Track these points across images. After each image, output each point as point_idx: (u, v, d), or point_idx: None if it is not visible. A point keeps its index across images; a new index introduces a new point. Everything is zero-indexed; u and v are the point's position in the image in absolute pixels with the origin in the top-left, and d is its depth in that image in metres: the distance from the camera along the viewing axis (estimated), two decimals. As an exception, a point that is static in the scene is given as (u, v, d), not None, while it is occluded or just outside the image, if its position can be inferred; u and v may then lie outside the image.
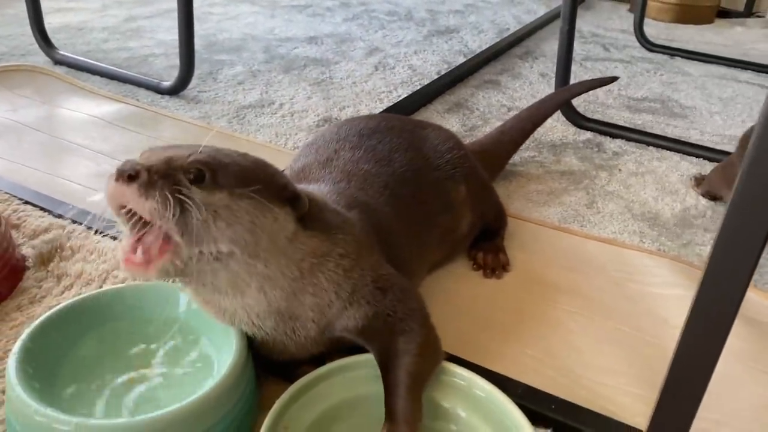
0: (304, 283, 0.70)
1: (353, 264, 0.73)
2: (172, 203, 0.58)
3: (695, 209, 1.28)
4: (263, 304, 0.69)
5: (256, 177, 0.65)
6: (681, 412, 0.68)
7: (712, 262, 0.62)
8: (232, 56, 1.97)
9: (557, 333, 0.93)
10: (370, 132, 0.98)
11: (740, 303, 0.62)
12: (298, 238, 0.68)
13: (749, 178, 0.59)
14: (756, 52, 2.36)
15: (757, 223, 0.59)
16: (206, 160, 0.62)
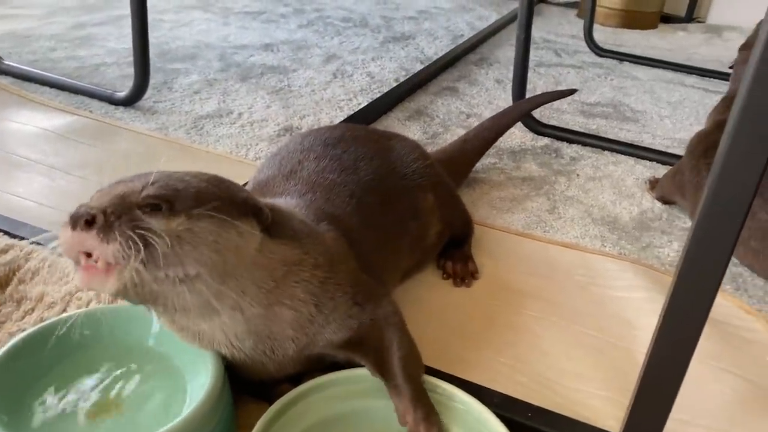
0: (280, 293, 0.69)
1: (327, 276, 0.73)
2: (135, 240, 0.57)
3: (651, 212, 1.32)
4: (240, 323, 0.68)
5: (213, 195, 0.64)
6: (654, 414, 0.70)
7: (683, 268, 0.63)
8: (187, 65, 1.94)
9: (527, 339, 0.94)
10: (334, 141, 0.97)
11: (710, 307, 0.65)
12: (267, 248, 0.68)
13: (718, 186, 0.60)
14: (698, 57, 2.46)
15: (727, 228, 0.61)
16: (159, 191, 0.61)
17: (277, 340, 0.70)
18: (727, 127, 0.57)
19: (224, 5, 2.67)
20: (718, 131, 1.23)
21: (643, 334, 0.96)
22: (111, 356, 0.75)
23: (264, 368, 0.73)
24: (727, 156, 0.57)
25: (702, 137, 1.28)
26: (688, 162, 1.26)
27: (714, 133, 1.26)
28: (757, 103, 0.54)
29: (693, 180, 1.22)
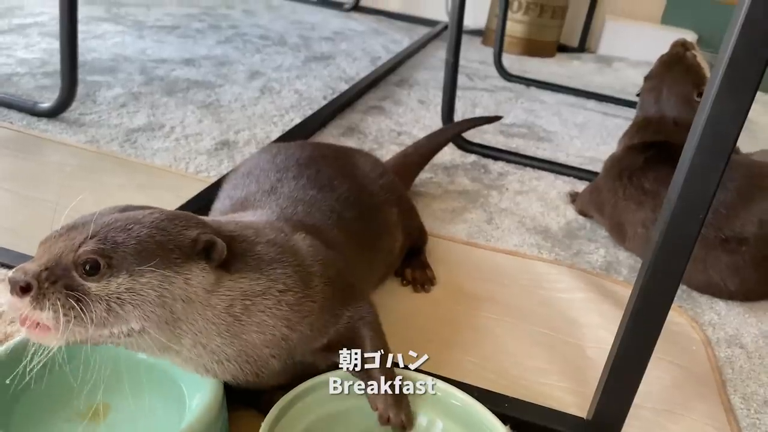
0: (243, 325, 0.68)
1: (300, 297, 0.72)
2: (70, 306, 0.58)
3: (576, 222, 1.44)
4: (209, 354, 0.68)
5: (157, 244, 0.63)
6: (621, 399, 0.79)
7: (646, 276, 0.73)
8: (107, 77, 1.87)
9: (488, 339, 1.00)
10: (306, 161, 0.99)
11: (669, 308, 0.74)
12: (223, 285, 0.67)
13: (677, 203, 0.69)
14: (594, 83, 2.69)
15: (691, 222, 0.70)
16: (97, 247, 0.60)
17: (257, 360, 0.71)
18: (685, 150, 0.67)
19: (135, 18, 2.59)
20: (629, 155, 1.37)
21: (589, 331, 1.05)
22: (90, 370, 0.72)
23: (255, 382, 0.73)
24: (692, 162, 0.66)
25: (615, 161, 1.41)
26: (605, 183, 1.38)
27: (626, 157, 1.39)
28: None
29: (611, 200, 1.35)
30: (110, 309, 0.59)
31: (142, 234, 0.62)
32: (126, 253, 0.61)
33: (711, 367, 1.02)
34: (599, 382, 0.81)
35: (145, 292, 0.61)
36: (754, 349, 1.09)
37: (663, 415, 0.90)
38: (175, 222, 0.66)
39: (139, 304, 0.61)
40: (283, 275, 0.72)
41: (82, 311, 0.58)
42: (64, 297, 0.58)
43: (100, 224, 0.62)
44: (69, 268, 0.59)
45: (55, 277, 0.59)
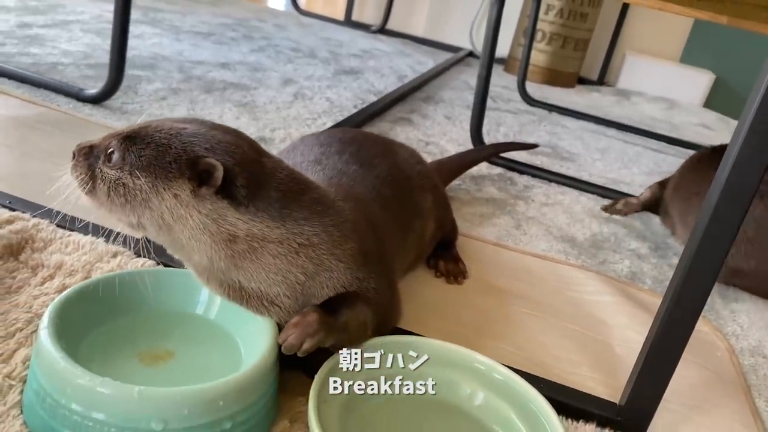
0: (248, 261, 0.71)
1: (325, 254, 0.73)
2: (85, 180, 0.71)
3: (601, 235, 1.47)
4: (218, 273, 0.72)
5: (159, 155, 0.68)
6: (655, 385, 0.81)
7: (682, 277, 0.76)
8: (148, 73, 1.93)
9: (521, 330, 1.03)
10: (349, 140, 1.04)
11: (702, 308, 0.78)
12: (225, 217, 0.69)
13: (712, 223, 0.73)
14: (613, 114, 2.74)
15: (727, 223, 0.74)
16: (119, 140, 0.70)
17: (268, 295, 0.73)
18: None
19: (171, 23, 2.67)
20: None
21: (617, 331, 1.08)
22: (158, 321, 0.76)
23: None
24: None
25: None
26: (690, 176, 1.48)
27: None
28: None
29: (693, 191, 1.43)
30: (109, 194, 0.70)
31: (156, 142, 0.69)
32: (135, 155, 0.69)
33: (736, 373, 1.04)
34: (633, 368, 0.83)
35: (134, 193, 0.69)
36: (777, 360, 1.11)
37: (692, 410, 0.92)
38: (194, 138, 0.69)
39: (130, 200, 0.69)
40: (311, 231, 0.73)
41: (93, 187, 0.71)
42: (84, 171, 0.71)
43: (139, 125, 0.72)
44: (100, 153, 0.71)
45: (86, 156, 0.72)
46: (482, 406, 0.76)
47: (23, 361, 0.69)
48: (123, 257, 0.91)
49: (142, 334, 0.73)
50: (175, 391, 0.60)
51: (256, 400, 0.65)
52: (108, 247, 0.92)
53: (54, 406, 0.60)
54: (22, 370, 0.68)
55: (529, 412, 0.74)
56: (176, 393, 0.60)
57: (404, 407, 0.75)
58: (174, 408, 0.59)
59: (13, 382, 0.67)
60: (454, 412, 0.76)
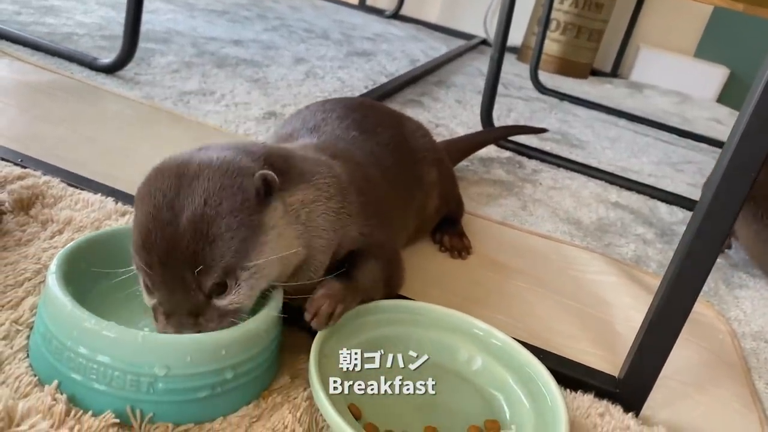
0: (310, 232, 0.73)
1: (340, 206, 0.77)
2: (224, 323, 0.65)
3: (607, 219, 1.47)
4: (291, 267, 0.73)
5: (239, 226, 0.64)
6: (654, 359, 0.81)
7: (689, 246, 0.76)
8: (161, 46, 1.93)
9: (521, 304, 1.04)
10: (354, 106, 1.04)
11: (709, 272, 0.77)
12: (288, 204, 0.71)
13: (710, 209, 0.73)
14: (625, 106, 2.73)
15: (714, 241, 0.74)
16: (214, 273, 0.63)
17: (312, 266, 0.75)
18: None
19: (186, 1, 2.68)
20: None
21: (619, 310, 1.08)
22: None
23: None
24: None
25: None
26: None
27: None
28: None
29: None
30: (249, 296, 0.66)
31: (229, 232, 0.63)
32: (231, 262, 0.63)
33: (737, 355, 1.04)
34: (633, 342, 0.84)
35: (262, 274, 0.66)
36: (778, 345, 1.11)
37: (690, 387, 0.92)
38: (233, 184, 0.65)
39: (263, 277, 0.67)
40: (325, 185, 0.76)
41: (233, 318, 0.65)
42: (219, 321, 0.65)
43: (195, 243, 0.62)
44: (206, 307, 0.64)
45: (198, 318, 0.64)
46: (480, 371, 0.77)
47: (30, 309, 0.71)
48: (131, 216, 0.91)
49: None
50: (178, 338, 0.61)
51: (258, 353, 0.66)
52: (117, 206, 0.93)
53: (60, 348, 0.61)
54: (29, 316, 0.70)
55: (527, 377, 0.75)
56: (179, 340, 0.61)
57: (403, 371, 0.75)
58: (177, 354, 0.60)
59: (20, 327, 0.68)
60: (452, 377, 0.76)
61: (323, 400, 0.62)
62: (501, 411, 0.73)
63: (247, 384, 0.66)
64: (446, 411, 0.72)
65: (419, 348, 0.77)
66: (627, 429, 0.76)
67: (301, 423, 0.65)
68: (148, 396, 0.60)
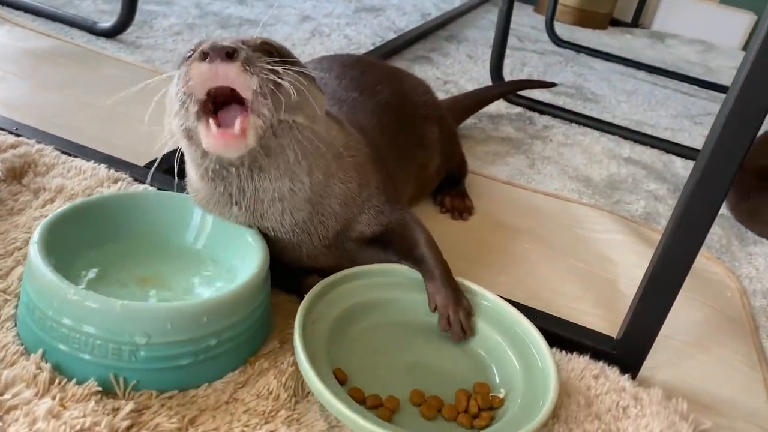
0: (337, 167, 0.74)
1: (366, 163, 0.78)
2: (271, 78, 0.61)
3: (619, 176, 1.43)
4: (303, 192, 0.71)
5: (295, 57, 0.70)
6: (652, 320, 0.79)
7: (686, 203, 0.73)
8: (164, 8, 1.91)
9: (522, 264, 1.02)
10: (352, 64, 1.01)
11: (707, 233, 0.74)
12: (326, 122, 0.73)
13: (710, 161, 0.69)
14: (645, 57, 2.63)
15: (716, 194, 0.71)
16: (270, 41, 0.66)
17: (324, 215, 0.74)
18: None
19: (192, -40, 2.63)
20: None
21: (624, 269, 1.06)
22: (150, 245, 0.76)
23: (299, 254, 0.76)
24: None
25: None
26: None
27: None
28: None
29: None
30: (289, 92, 0.61)
31: (285, 48, 0.69)
32: (285, 54, 0.67)
33: (745, 313, 1.01)
34: (632, 302, 0.82)
35: (305, 87, 0.65)
36: (790, 303, 1.08)
37: (692, 346, 0.90)
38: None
39: (304, 96, 0.65)
40: (354, 139, 0.79)
41: (279, 87, 0.61)
42: (267, 69, 0.61)
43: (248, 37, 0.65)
44: (257, 50, 0.62)
45: (255, 51, 0.61)
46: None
47: (19, 278, 0.71)
48: (123, 183, 0.91)
49: (134, 258, 0.74)
50: (157, 306, 0.61)
51: (242, 319, 0.66)
52: (109, 173, 0.93)
53: (43, 318, 0.61)
54: (18, 286, 0.70)
55: (519, 339, 0.74)
56: (159, 308, 0.61)
57: (393, 331, 0.75)
58: (157, 322, 0.60)
59: (9, 296, 0.69)
60: (442, 336, 0.76)
61: (306, 367, 0.62)
62: (491, 373, 0.72)
63: (231, 350, 0.66)
64: (435, 374, 0.71)
65: (408, 313, 0.76)
66: (622, 390, 0.74)
67: (286, 388, 0.65)
68: (130, 364, 0.60)
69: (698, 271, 1.09)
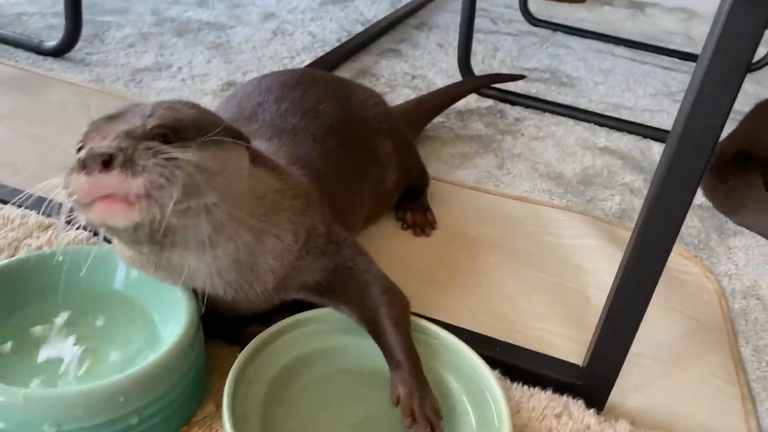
0: (268, 221, 0.68)
1: (305, 208, 0.72)
2: (164, 169, 0.53)
3: (593, 169, 1.37)
4: (230, 254, 0.65)
5: (209, 122, 0.62)
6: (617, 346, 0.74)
7: (645, 215, 0.67)
8: (118, 18, 1.83)
9: (487, 282, 0.97)
10: (293, 83, 0.95)
11: (670, 250, 0.68)
12: (254, 174, 0.67)
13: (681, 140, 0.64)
14: (624, 30, 2.55)
15: (688, 174, 0.65)
16: (164, 121, 0.58)
17: (258, 272, 0.69)
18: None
19: (151, -40, 2.54)
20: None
21: (594, 278, 1.01)
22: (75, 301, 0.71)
23: (237, 308, 0.71)
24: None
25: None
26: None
27: None
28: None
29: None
30: (190, 175, 0.55)
31: (193, 112, 0.63)
32: (189, 126, 0.60)
33: (723, 318, 0.97)
34: (597, 326, 0.77)
35: (215, 161, 0.59)
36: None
37: (667, 365, 0.86)
38: (207, 110, 0.67)
39: (213, 173, 0.58)
40: (292, 181, 0.73)
41: (171, 177, 0.53)
42: (154, 162, 0.53)
43: (147, 108, 0.60)
44: (142, 140, 0.55)
45: (134, 145, 0.54)
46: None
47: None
48: (54, 230, 0.86)
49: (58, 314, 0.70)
50: (65, 392, 0.56)
51: (166, 392, 0.61)
52: (39, 220, 0.87)
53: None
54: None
55: (474, 385, 0.69)
56: (66, 393, 0.56)
57: (339, 383, 0.70)
58: (65, 409, 0.55)
59: None
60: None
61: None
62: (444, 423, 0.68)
63: (159, 424, 0.61)
64: (386, 427, 0.67)
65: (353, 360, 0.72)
66: (587, 429, 0.70)
67: (220, 461, 0.61)
68: (43, 455, 0.56)
69: (673, 273, 1.04)
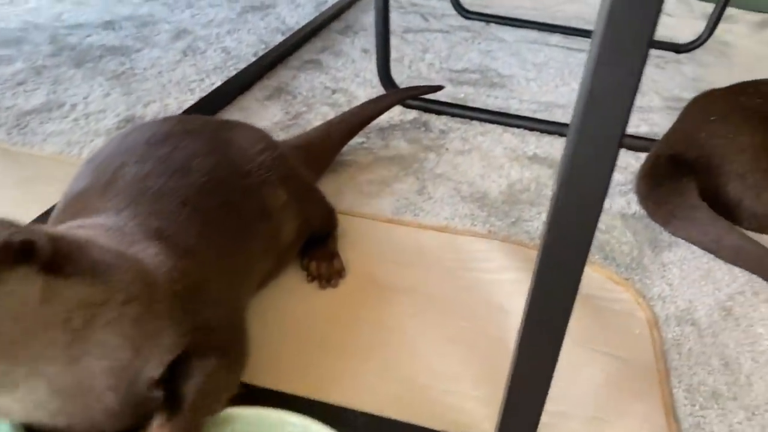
0: (84, 344, 0.57)
1: (143, 310, 0.62)
2: None
3: (520, 183, 1.29)
4: (41, 388, 0.56)
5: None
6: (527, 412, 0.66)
7: (546, 243, 0.57)
8: (11, 50, 1.69)
9: (396, 339, 0.88)
10: (162, 138, 0.84)
11: (577, 286, 0.59)
12: (56, 292, 0.55)
13: (577, 149, 0.54)
14: (562, 14, 2.47)
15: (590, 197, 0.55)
16: None
17: (91, 395, 0.59)
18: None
19: (58, -22, 2.38)
20: None
21: (513, 319, 0.91)
22: None
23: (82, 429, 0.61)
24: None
25: None
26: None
27: None
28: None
29: None
30: None
31: None
32: None
33: (654, 354, 0.89)
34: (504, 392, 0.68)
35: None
36: (707, 324, 0.96)
37: (592, 424, 0.78)
38: None
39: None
40: (124, 282, 0.61)
41: None
42: None
43: None
44: None
45: None
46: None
47: None
48: None
49: None
50: None
51: None
52: None
53: None
54: None
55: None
56: None
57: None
58: None
59: None
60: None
61: None
62: None
63: None
64: None
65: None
66: None
67: None
68: None
69: (601, 304, 0.97)
